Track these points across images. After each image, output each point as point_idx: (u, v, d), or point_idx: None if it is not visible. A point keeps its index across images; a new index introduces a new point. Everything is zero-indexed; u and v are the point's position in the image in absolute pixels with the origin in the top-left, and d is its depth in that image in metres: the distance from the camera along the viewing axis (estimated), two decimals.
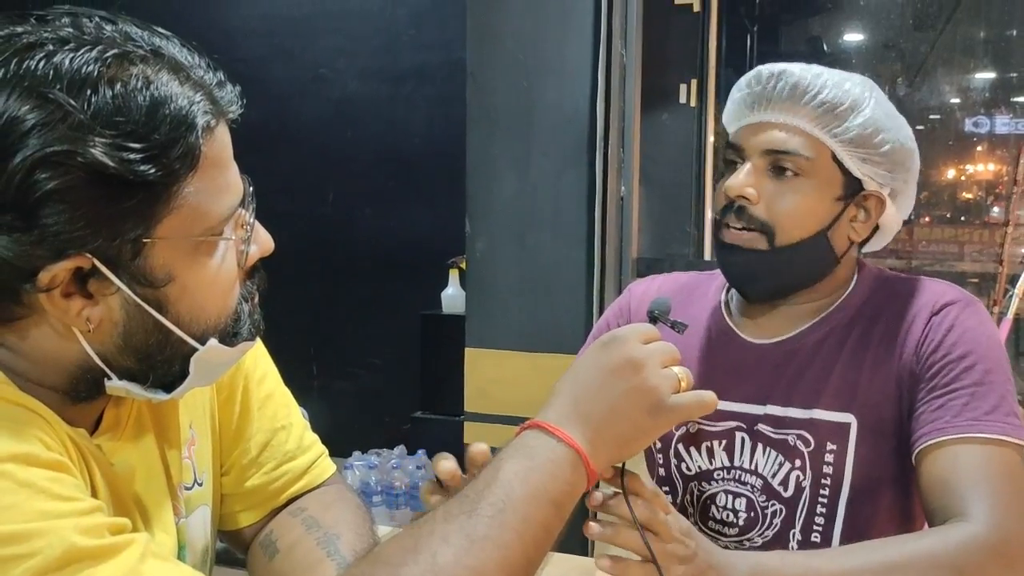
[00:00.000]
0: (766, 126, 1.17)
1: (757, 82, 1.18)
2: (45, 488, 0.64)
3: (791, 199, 1.15)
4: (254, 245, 0.80)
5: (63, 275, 0.68)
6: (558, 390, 0.81)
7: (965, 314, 1.14)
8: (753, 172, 1.16)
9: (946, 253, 4.00)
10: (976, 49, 4.05)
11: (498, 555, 0.69)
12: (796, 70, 1.17)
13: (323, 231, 3.76)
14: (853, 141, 1.15)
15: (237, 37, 3.79)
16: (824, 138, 1.15)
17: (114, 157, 0.65)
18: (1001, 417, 1.05)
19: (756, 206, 1.16)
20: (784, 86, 1.16)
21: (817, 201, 1.16)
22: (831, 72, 1.17)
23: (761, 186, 1.16)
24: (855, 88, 1.16)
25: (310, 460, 1.02)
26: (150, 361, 0.75)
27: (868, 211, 1.20)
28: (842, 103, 1.14)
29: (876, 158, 1.16)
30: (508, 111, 2.71)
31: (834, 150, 1.15)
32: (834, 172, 1.16)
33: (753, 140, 1.18)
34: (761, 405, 1.21)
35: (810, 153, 1.15)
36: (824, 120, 1.15)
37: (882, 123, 1.16)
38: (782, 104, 1.16)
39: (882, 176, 1.17)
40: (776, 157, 1.16)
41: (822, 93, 1.14)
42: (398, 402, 3.59)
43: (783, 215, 1.16)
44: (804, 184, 1.15)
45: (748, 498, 1.23)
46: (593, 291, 2.62)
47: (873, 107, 1.16)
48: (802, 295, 1.22)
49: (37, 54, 0.65)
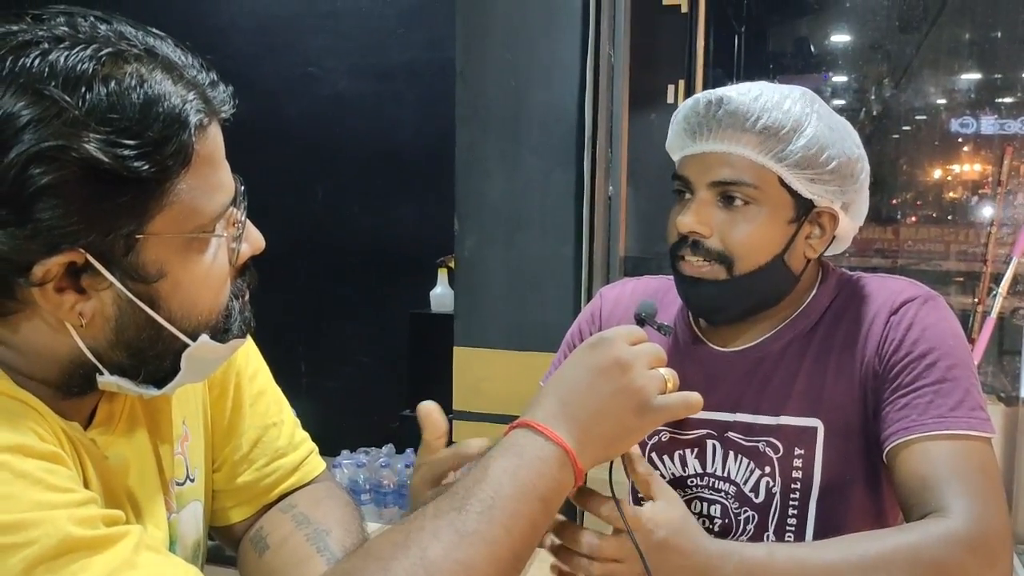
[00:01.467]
0: (709, 157, 1.15)
1: (696, 111, 1.16)
2: (41, 479, 0.65)
3: (744, 228, 1.14)
4: (245, 243, 0.81)
5: (56, 269, 0.68)
6: (546, 390, 0.82)
7: (924, 310, 1.14)
8: (702, 205, 1.15)
9: (932, 252, 4.03)
10: (961, 50, 4.08)
11: (487, 550, 0.70)
12: (735, 95, 1.14)
13: (312, 229, 3.76)
14: (799, 163, 1.13)
15: (227, 34, 3.79)
16: (769, 164, 1.13)
17: (108, 153, 0.65)
18: (967, 412, 1.06)
19: (710, 239, 1.15)
20: (724, 114, 1.14)
21: (770, 227, 1.15)
22: (770, 91, 1.15)
23: (712, 218, 1.15)
24: (795, 107, 1.14)
25: (301, 457, 1.03)
26: (142, 356, 0.76)
27: (823, 227, 1.19)
28: (783, 126, 1.12)
29: (824, 176, 1.14)
30: (497, 110, 2.72)
31: (780, 175, 1.14)
32: (783, 196, 1.15)
33: (698, 172, 1.16)
34: (731, 413, 1.22)
35: (757, 181, 1.13)
36: (767, 145, 1.13)
37: (825, 139, 1.14)
38: (723, 132, 1.14)
39: (832, 192, 1.16)
40: (724, 188, 1.15)
41: (763, 118, 1.12)
42: (387, 400, 3.59)
43: (738, 245, 1.15)
44: (755, 211, 1.14)
45: (722, 504, 1.24)
46: (581, 290, 2.63)
47: (815, 124, 1.14)
48: (766, 311, 1.23)
49: (32, 52, 0.66)
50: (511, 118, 2.70)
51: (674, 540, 0.94)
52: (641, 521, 0.93)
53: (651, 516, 0.94)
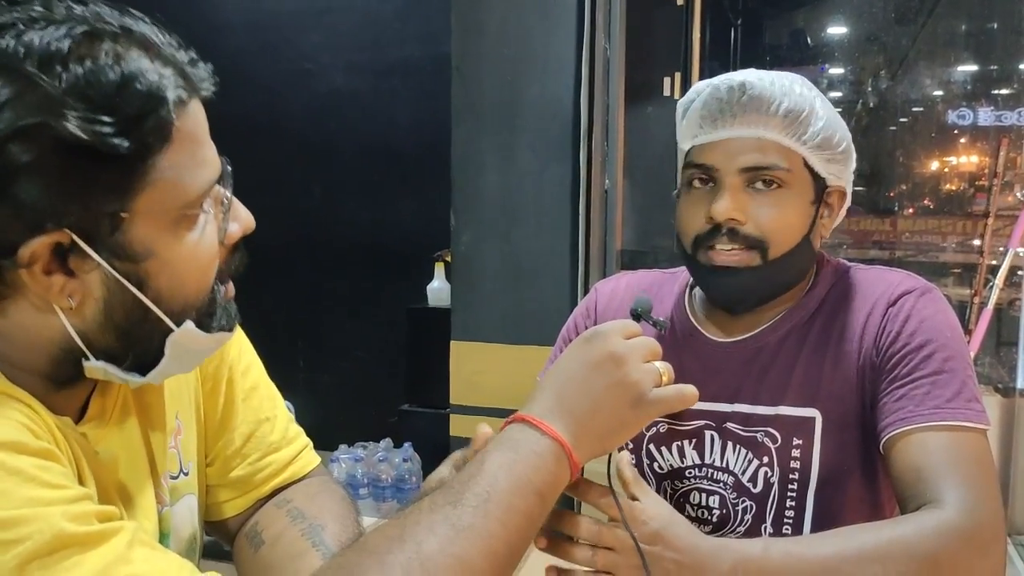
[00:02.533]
0: (736, 143, 1.15)
1: (717, 97, 1.16)
2: (34, 476, 0.65)
3: (777, 212, 1.15)
4: (234, 223, 0.80)
5: (42, 250, 0.68)
6: (542, 385, 0.82)
7: (921, 303, 1.15)
8: (733, 192, 1.15)
9: (929, 244, 4.03)
10: (957, 42, 4.08)
11: (482, 544, 0.70)
12: (755, 80, 1.14)
13: (309, 225, 3.76)
14: (820, 145, 1.15)
15: (223, 32, 3.78)
16: (796, 146, 1.14)
17: (87, 130, 0.65)
18: (963, 404, 1.07)
19: (745, 225, 1.15)
20: (748, 99, 1.14)
21: (798, 208, 1.16)
22: (776, 77, 1.16)
23: (744, 204, 1.15)
24: (805, 90, 1.16)
25: (294, 452, 1.03)
26: (129, 339, 0.75)
27: (832, 207, 1.21)
28: (803, 109, 1.14)
29: (837, 156, 1.17)
30: (493, 105, 2.72)
31: (805, 156, 1.15)
32: (807, 177, 1.17)
33: (725, 158, 1.15)
34: (729, 403, 1.22)
35: (787, 164, 1.14)
36: (793, 129, 1.14)
37: (834, 121, 1.16)
38: (748, 117, 1.14)
39: (841, 172, 1.19)
40: (755, 173, 1.15)
41: (785, 102, 1.13)
42: (384, 395, 3.59)
43: (774, 229, 1.15)
44: (785, 195, 1.15)
45: (721, 495, 1.24)
46: (578, 283, 2.63)
47: (823, 106, 1.16)
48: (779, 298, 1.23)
49: (7, 33, 0.66)
50: (507, 112, 2.70)
51: (667, 533, 0.95)
52: (636, 513, 0.94)
53: (644, 508, 0.95)
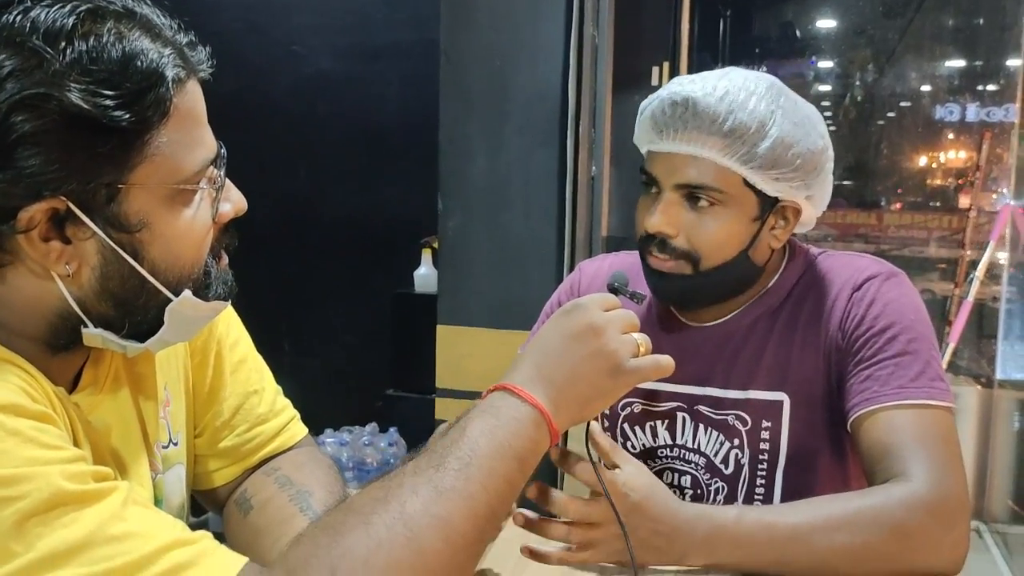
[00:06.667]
0: (675, 157, 1.16)
1: (662, 110, 1.16)
2: (33, 437, 0.67)
3: (709, 228, 1.16)
4: (227, 203, 0.82)
5: (40, 216, 0.70)
6: (523, 355, 0.85)
7: (886, 287, 1.17)
8: (668, 205, 1.16)
9: (914, 238, 4.07)
10: (944, 37, 4.11)
11: (464, 505, 0.72)
12: (701, 96, 1.13)
13: (295, 208, 3.75)
14: (763, 165, 1.14)
15: (211, 11, 3.76)
16: (734, 166, 1.14)
17: (89, 102, 0.68)
18: (927, 382, 1.10)
19: (676, 238, 1.17)
20: (690, 116, 1.13)
21: (734, 225, 1.16)
22: (736, 89, 1.14)
23: (678, 217, 1.16)
24: (760, 105, 1.13)
25: (282, 423, 1.05)
26: (126, 308, 0.78)
27: (787, 219, 1.20)
28: (749, 127, 1.12)
29: (789, 174, 1.15)
30: (481, 90, 2.73)
31: (745, 176, 1.14)
32: (748, 195, 1.16)
33: (665, 172, 1.17)
34: (701, 387, 1.25)
35: (721, 185, 1.14)
36: (733, 148, 1.13)
37: (790, 137, 1.14)
38: (689, 134, 1.14)
39: (796, 187, 1.17)
40: (689, 189, 1.16)
41: (728, 120, 1.12)
42: (370, 379, 3.60)
43: (703, 244, 1.16)
44: (721, 212, 1.15)
45: (693, 475, 1.27)
46: (564, 269, 2.65)
47: (779, 122, 1.13)
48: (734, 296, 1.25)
49: (14, 10, 0.68)
50: (495, 98, 2.71)
51: (647, 504, 0.97)
52: (617, 485, 0.97)
53: (625, 480, 0.97)
